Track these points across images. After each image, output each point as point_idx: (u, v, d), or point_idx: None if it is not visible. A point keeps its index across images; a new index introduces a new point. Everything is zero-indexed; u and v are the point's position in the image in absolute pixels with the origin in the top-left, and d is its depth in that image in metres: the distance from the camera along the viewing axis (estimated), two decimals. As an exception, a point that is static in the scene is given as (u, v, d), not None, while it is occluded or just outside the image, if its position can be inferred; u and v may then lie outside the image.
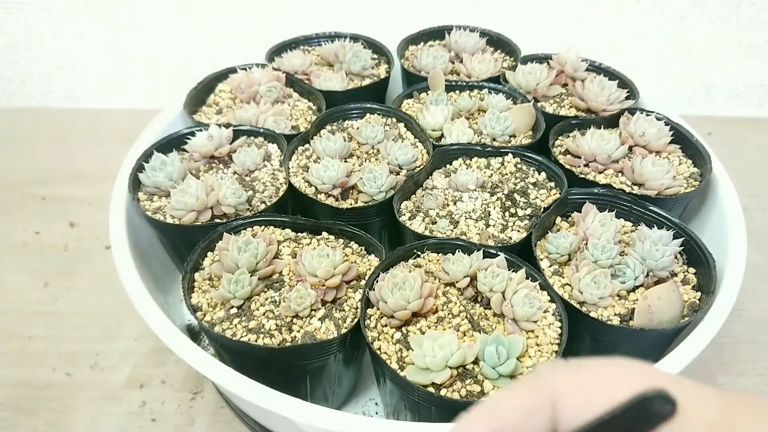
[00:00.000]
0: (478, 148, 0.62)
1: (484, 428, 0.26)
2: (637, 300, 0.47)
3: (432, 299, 0.46)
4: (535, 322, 0.45)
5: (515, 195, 0.58)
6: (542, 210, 0.56)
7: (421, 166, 0.60)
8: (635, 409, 0.21)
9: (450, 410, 0.42)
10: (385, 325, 0.46)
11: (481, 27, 0.80)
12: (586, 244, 0.51)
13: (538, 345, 0.44)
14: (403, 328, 0.46)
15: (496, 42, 0.80)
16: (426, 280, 0.47)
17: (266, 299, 0.48)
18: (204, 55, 0.98)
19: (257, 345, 0.44)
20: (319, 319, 0.46)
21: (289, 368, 0.46)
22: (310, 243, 0.53)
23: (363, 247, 0.53)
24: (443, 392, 0.41)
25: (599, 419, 0.22)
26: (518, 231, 0.54)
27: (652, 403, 0.20)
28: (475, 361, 0.43)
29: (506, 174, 0.60)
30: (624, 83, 0.71)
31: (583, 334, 0.47)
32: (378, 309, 0.46)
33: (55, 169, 0.86)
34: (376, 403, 0.55)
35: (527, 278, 0.48)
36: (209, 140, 0.60)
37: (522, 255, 0.50)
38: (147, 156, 0.59)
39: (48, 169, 0.86)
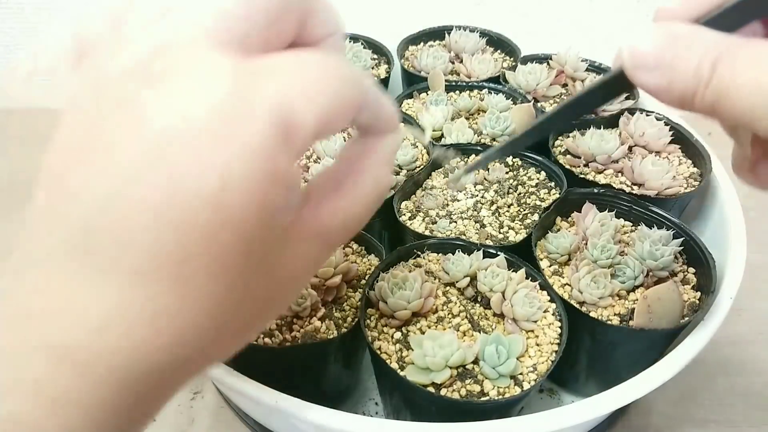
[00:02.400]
0: (479, 148, 0.62)
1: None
2: (637, 300, 0.47)
3: (432, 299, 0.46)
4: (535, 321, 0.46)
5: (515, 195, 0.58)
6: (542, 210, 0.56)
7: (421, 167, 0.60)
8: None
9: (450, 410, 0.42)
10: (385, 325, 0.46)
11: (481, 27, 0.80)
12: (586, 244, 0.51)
13: (538, 345, 0.45)
14: (403, 328, 0.46)
15: (496, 42, 0.80)
16: (426, 280, 0.47)
17: (266, 299, 0.48)
18: (204, 55, 0.98)
19: (257, 345, 0.44)
20: (319, 319, 0.46)
21: (289, 368, 0.46)
22: (310, 243, 0.53)
23: (363, 247, 0.53)
24: (443, 392, 0.41)
25: None
26: (518, 231, 0.54)
27: None
28: (475, 361, 0.43)
29: (506, 174, 0.60)
30: (624, 83, 0.71)
31: (582, 334, 0.47)
32: (378, 309, 0.46)
33: (55, 169, 0.86)
34: (376, 403, 0.55)
35: (527, 278, 0.48)
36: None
37: (522, 255, 0.50)
38: (147, 156, 0.59)
39: (48, 169, 0.86)
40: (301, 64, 0.21)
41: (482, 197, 0.58)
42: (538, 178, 0.60)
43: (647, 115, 0.64)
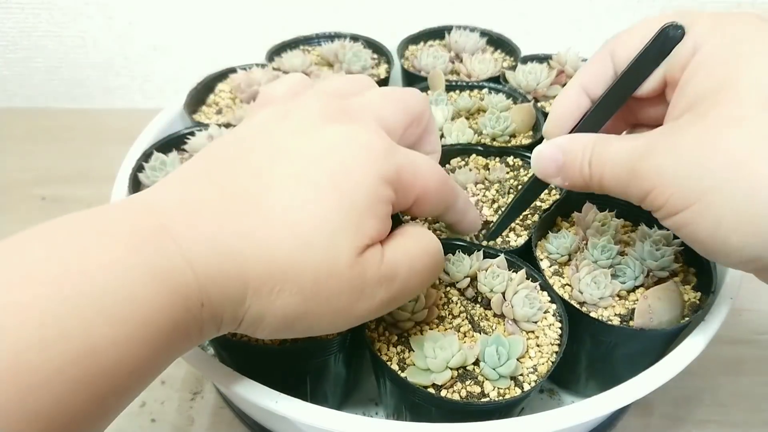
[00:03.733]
0: (479, 148, 0.62)
1: (577, 87, 0.41)
2: (637, 300, 0.47)
3: (436, 309, 0.46)
4: (536, 322, 0.45)
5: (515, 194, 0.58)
6: (542, 210, 0.56)
7: (421, 166, 0.60)
8: (659, 39, 0.36)
9: (450, 411, 0.42)
10: (386, 329, 0.46)
11: (481, 27, 0.80)
12: (586, 244, 0.51)
13: (538, 345, 0.44)
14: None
15: (496, 42, 0.80)
16: (430, 285, 0.46)
17: (266, 299, 0.48)
18: (204, 55, 0.98)
19: (257, 345, 0.44)
20: (320, 319, 0.46)
21: (289, 368, 0.46)
22: (310, 243, 0.53)
23: (363, 248, 0.53)
24: (443, 393, 0.41)
25: (641, 52, 0.37)
26: (519, 233, 0.54)
27: (668, 32, 0.35)
28: (476, 362, 0.43)
29: (507, 173, 0.60)
30: (624, 83, 0.71)
31: (583, 335, 0.47)
32: (378, 310, 0.46)
33: (55, 169, 0.86)
34: (376, 404, 0.55)
35: (527, 279, 0.48)
36: (209, 140, 0.60)
37: (522, 255, 0.50)
38: (147, 156, 0.59)
39: (48, 169, 0.86)
40: (420, 156, 0.35)
41: (483, 196, 0.58)
42: (538, 178, 0.60)
43: (647, 115, 0.64)
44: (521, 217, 0.56)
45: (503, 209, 0.49)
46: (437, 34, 0.82)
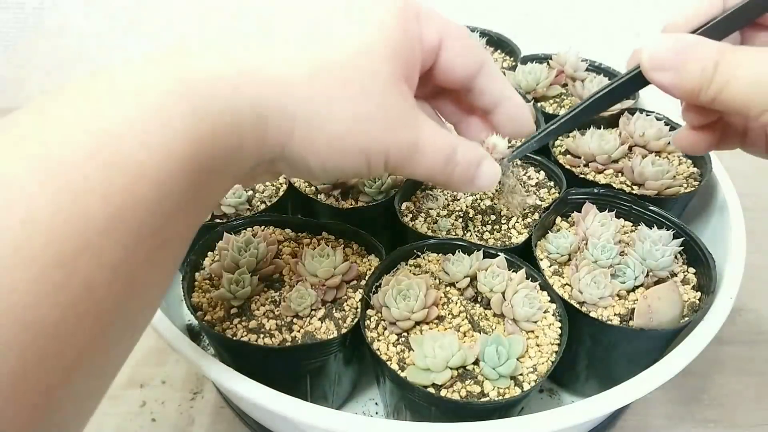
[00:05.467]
0: (478, 148, 0.62)
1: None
2: (637, 300, 0.47)
3: (436, 309, 0.46)
4: (535, 322, 0.45)
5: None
6: (542, 210, 0.56)
7: (421, 166, 0.60)
8: None
9: (450, 411, 0.42)
10: (386, 328, 0.46)
11: (481, 27, 0.80)
12: (586, 244, 0.51)
13: (538, 345, 0.45)
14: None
15: (496, 42, 0.80)
16: (431, 285, 0.47)
17: (266, 299, 0.48)
18: (204, 55, 0.98)
19: (257, 345, 0.44)
20: (319, 319, 0.46)
21: (289, 368, 0.46)
22: (311, 243, 0.53)
23: (363, 247, 0.53)
24: (443, 393, 0.41)
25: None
26: (520, 231, 0.54)
27: None
28: (476, 362, 0.43)
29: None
30: (624, 83, 0.71)
31: (583, 335, 0.47)
32: (379, 312, 0.46)
33: (55, 169, 0.86)
34: (376, 403, 0.55)
35: (527, 278, 0.48)
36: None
37: (522, 255, 0.50)
38: (147, 156, 0.59)
39: (48, 169, 0.86)
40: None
41: (483, 192, 0.58)
42: (537, 178, 0.60)
43: (647, 115, 0.64)
44: (521, 215, 0.56)
45: (564, 114, 0.42)
46: (437, 34, 0.82)
